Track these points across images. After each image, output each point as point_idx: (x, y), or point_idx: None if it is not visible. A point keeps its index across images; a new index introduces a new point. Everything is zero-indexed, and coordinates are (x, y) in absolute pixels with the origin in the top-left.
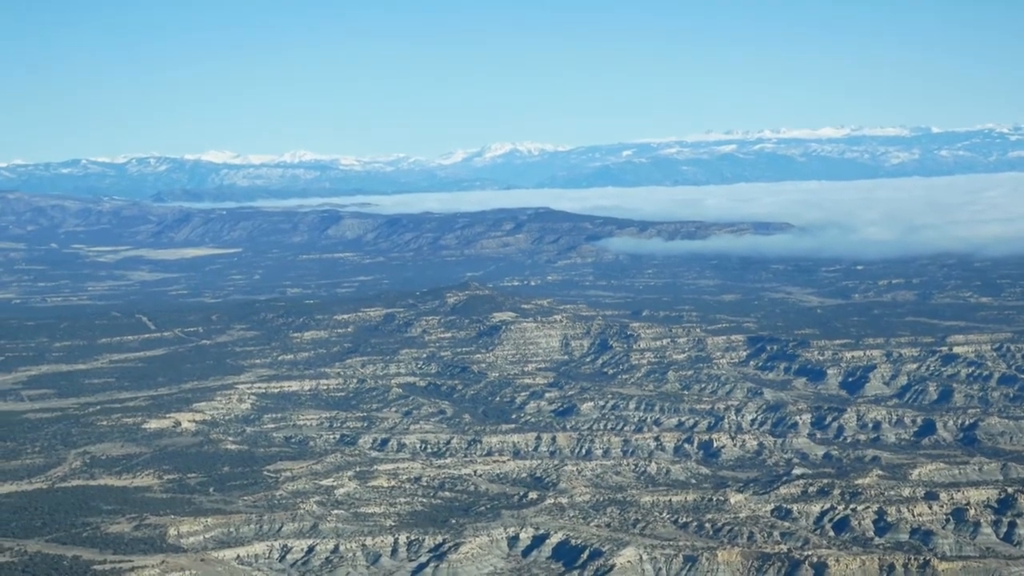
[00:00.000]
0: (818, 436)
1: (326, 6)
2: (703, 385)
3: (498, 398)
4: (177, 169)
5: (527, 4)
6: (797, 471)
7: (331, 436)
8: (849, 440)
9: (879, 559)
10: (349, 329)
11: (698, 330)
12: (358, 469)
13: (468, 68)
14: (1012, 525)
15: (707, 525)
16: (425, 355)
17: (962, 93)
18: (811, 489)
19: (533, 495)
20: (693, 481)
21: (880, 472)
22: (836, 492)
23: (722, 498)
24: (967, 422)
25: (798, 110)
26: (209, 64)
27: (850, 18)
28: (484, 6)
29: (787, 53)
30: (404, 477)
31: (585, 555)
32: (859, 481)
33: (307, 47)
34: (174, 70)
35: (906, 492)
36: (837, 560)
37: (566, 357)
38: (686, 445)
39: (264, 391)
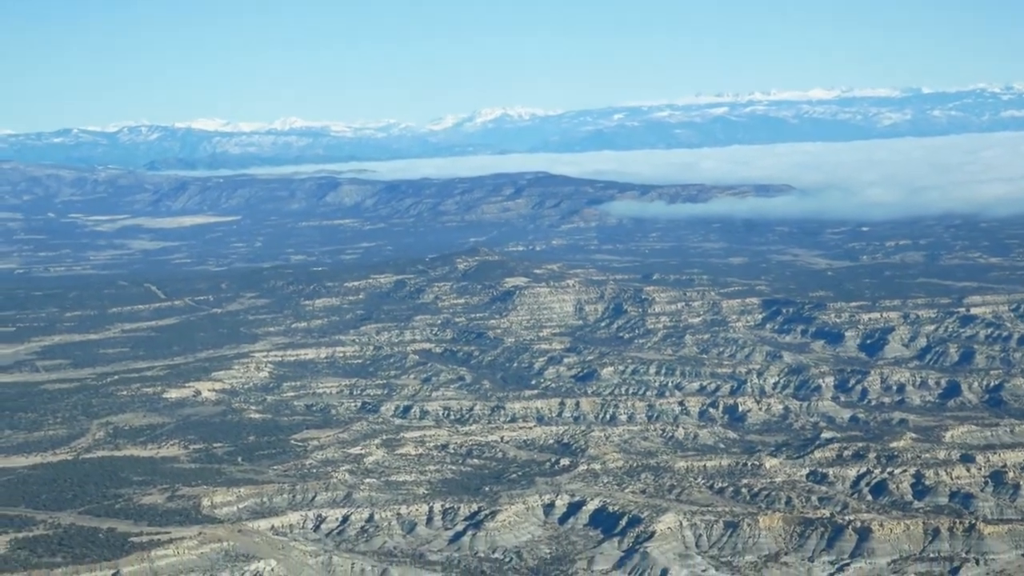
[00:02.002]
0: (842, 399)
1: None
2: (721, 349)
3: (516, 364)
4: (169, 137)
5: None
6: (826, 435)
7: (352, 404)
8: (874, 403)
9: (923, 523)
10: (360, 296)
11: (712, 293)
12: (384, 437)
13: (455, 32)
14: None
15: (743, 490)
16: (439, 321)
17: (952, 53)
18: (846, 453)
19: (565, 461)
20: (722, 446)
21: (913, 435)
22: (871, 456)
23: (757, 463)
24: (992, 383)
25: (787, 71)
26: (195, 30)
27: None
28: None
29: (773, 13)
30: (431, 444)
31: (624, 522)
32: (894, 444)
33: (292, 12)
34: (160, 36)
35: (941, 455)
36: (881, 525)
37: (580, 322)
38: (711, 409)
39: (281, 359)
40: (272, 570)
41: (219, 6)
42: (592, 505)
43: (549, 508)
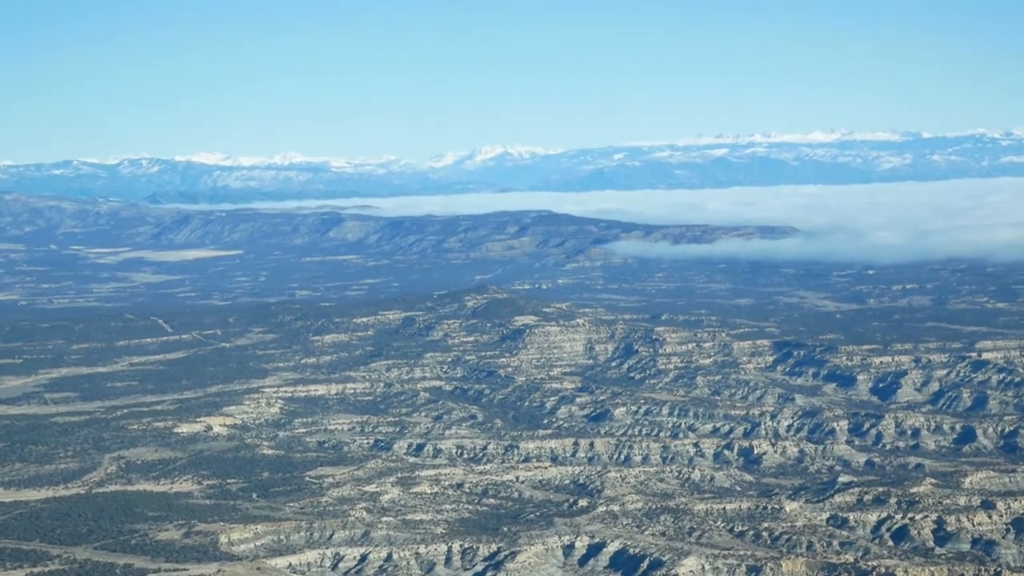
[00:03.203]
0: (857, 443)
1: (313, 5)
2: (733, 390)
3: (527, 403)
4: (169, 170)
5: (515, 6)
6: (843, 479)
7: (365, 441)
8: (888, 447)
9: (948, 570)
10: (369, 332)
11: (723, 334)
12: (400, 475)
13: (455, 70)
14: None
15: (764, 534)
16: (450, 359)
17: (952, 98)
18: (866, 498)
19: (583, 502)
20: (738, 488)
21: (933, 480)
22: (892, 501)
23: (777, 506)
24: (1007, 429)
25: (787, 114)
26: (193, 63)
27: (838, 22)
28: (472, 8)
29: (774, 56)
30: (446, 483)
31: (645, 564)
32: (914, 490)
33: (292, 46)
34: (159, 69)
35: (962, 501)
36: (905, 571)
37: (591, 361)
38: (726, 451)
39: (291, 395)
40: None
41: (218, 39)
42: (612, 547)
43: (569, 549)
